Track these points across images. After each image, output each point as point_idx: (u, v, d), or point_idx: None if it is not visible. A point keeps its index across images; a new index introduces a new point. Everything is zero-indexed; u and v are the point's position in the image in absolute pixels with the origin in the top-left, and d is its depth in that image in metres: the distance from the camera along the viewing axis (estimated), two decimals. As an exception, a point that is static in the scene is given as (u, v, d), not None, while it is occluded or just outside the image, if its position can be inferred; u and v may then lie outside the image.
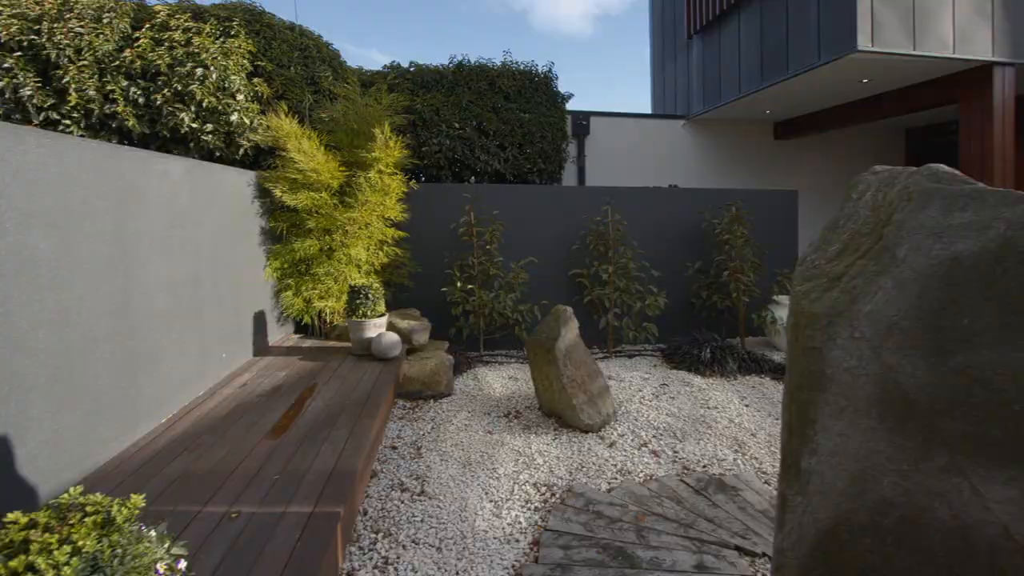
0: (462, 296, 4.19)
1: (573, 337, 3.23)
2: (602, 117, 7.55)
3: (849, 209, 2.02)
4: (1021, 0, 5.28)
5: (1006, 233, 1.62)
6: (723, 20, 7.18)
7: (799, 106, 7.28)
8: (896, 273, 1.75)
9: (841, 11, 5.12)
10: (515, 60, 6.64)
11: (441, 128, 5.92)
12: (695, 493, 2.47)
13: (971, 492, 1.55)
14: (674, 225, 5.10)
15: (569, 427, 3.05)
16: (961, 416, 1.60)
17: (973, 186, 1.74)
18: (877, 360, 1.72)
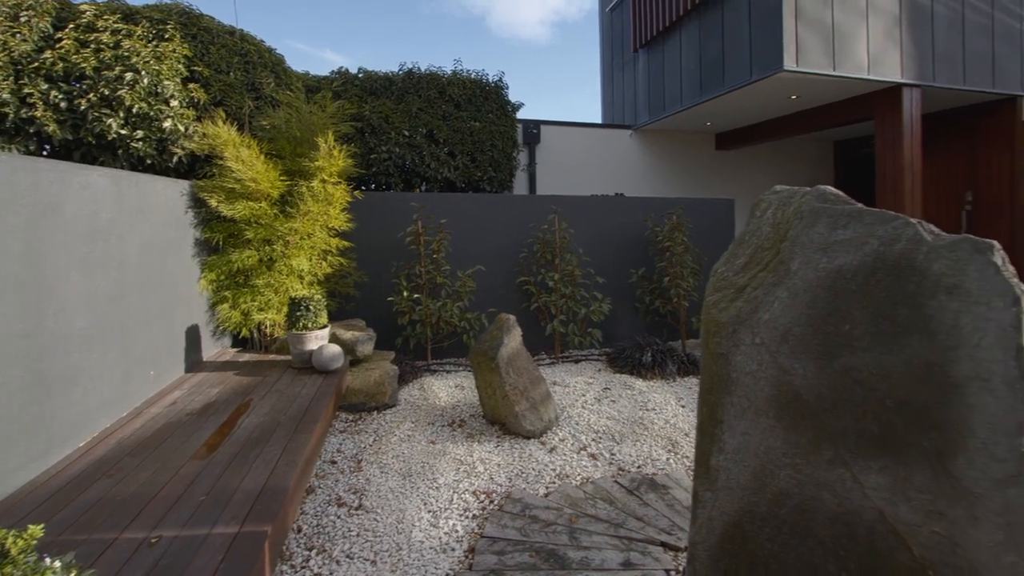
0: (409, 305, 4.19)
1: (516, 345, 3.30)
2: (552, 126, 7.72)
3: (753, 225, 2.18)
4: (924, 29, 5.80)
5: (879, 249, 1.81)
6: (666, 36, 7.50)
7: (737, 119, 7.69)
8: (790, 284, 1.91)
9: (769, 33, 5.46)
10: (466, 69, 6.71)
11: (390, 135, 5.90)
12: (628, 493, 2.58)
13: (853, 481, 1.72)
14: (619, 232, 5.29)
15: (512, 434, 3.12)
16: (844, 413, 1.77)
17: (853, 206, 1.93)
18: (774, 364, 1.88)
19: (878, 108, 5.99)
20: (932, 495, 1.64)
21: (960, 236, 1.75)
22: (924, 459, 1.66)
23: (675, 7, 6.98)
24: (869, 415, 1.72)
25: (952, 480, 1.63)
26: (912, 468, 1.66)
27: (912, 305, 1.74)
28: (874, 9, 5.63)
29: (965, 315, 1.70)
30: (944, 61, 5.92)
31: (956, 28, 5.97)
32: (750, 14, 5.75)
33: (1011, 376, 1.64)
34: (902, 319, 1.74)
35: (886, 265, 1.77)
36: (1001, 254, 1.74)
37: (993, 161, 6.44)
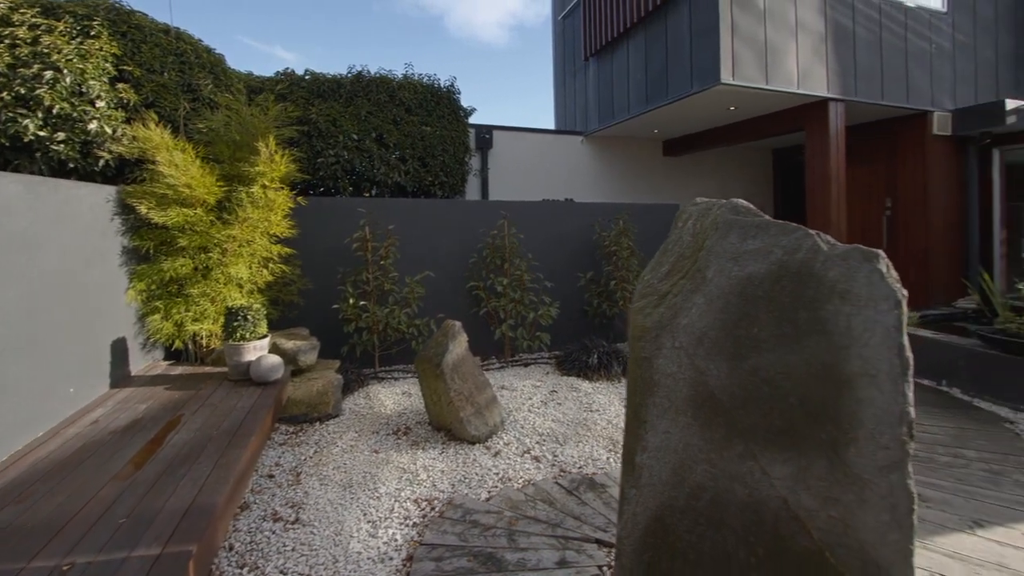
0: (355, 312, 4.14)
1: (461, 351, 3.33)
2: (505, 131, 7.80)
3: (676, 235, 2.30)
4: (847, 48, 6.24)
5: (783, 258, 1.96)
6: (615, 46, 7.73)
7: (682, 127, 8.01)
8: (706, 291, 2.03)
9: (708, 48, 5.74)
10: (417, 73, 6.69)
11: (338, 139, 5.80)
12: (567, 493, 2.66)
13: (761, 473, 1.85)
14: (569, 237, 5.41)
15: (458, 440, 3.14)
16: (753, 410, 1.90)
17: (761, 219, 2.08)
18: (692, 366, 1.99)
19: (807, 120, 6.39)
20: (828, 482, 1.78)
21: (851, 246, 1.92)
22: (821, 450, 1.81)
23: (623, 19, 7.21)
24: (775, 411, 1.85)
25: (845, 468, 1.78)
26: (811, 458, 1.80)
27: (811, 309, 1.89)
28: (803, 28, 6.01)
29: (856, 317, 1.86)
30: (865, 78, 6.38)
31: (875, 48, 6.45)
32: (691, 29, 6.02)
33: (895, 372, 1.81)
34: (802, 322, 1.89)
35: (789, 273, 1.92)
36: (886, 262, 1.92)
37: (909, 169, 7.00)
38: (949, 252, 6.87)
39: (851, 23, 6.29)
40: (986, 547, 2.29)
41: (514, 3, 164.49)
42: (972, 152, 6.95)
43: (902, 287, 1.91)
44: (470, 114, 7.13)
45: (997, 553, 2.24)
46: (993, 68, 7.42)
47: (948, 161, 6.94)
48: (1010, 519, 2.50)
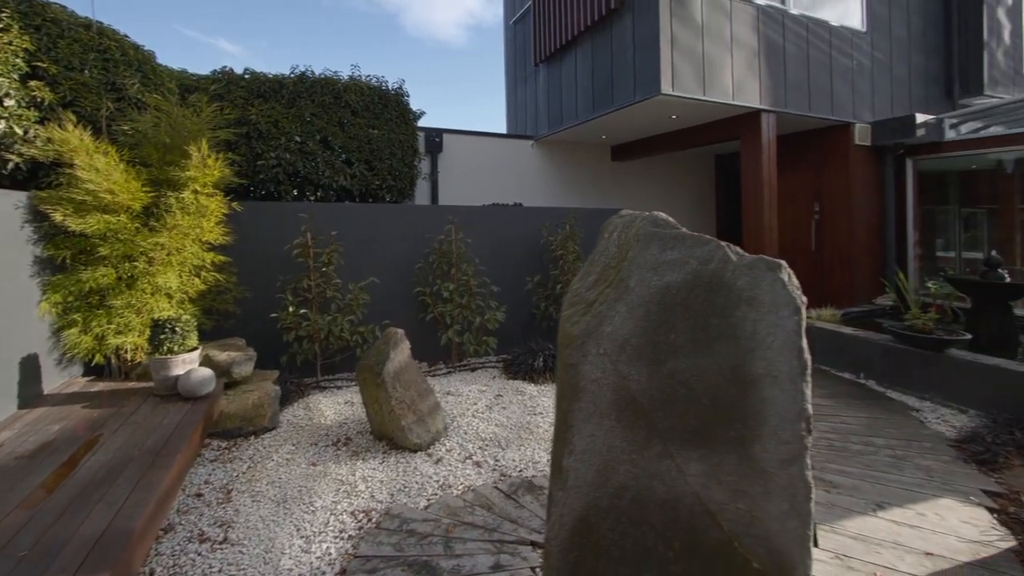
0: (295, 321, 4.04)
1: (404, 359, 3.32)
2: (455, 135, 7.80)
3: (602, 246, 2.39)
4: (778, 63, 6.63)
5: (697, 268, 2.07)
6: (563, 53, 7.88)
7: (629, 134, 8.26)
8: (628, 300, 2.13)
9: (649, 60, 5.95)
10: (365, 74, 6.58)
11: (280, 141, 5.63)
12: (506, 497, 2.70)
13: (677, 471, 1.95)
14: (517, 242, 5.48)
15: (399, 448, 3.13)
16: (670, 412, 2.00)
17: (679, 231, 2.19)
18: (615, 371, 2.08)
19: (742, 129, 6.74)
20: (737, 477, 1.91)
21: (756, 256, 2.06)
22: (731, 446, 1.93)
23: (571, 27, 7.36)
24: (690, 412, 1.97)
25: (752, 463, 1.91)
26: (722, 455, 1.93)
27: (722, 316, 2.02)
28: (737, 43, 6.34)
29: (761, 323, 2.00)
30: (794, 91, 6.80)
31: (803, 63, 6.89)
32: (634, 40, 6.23)
33: (794, 372, 1.96)
34: (714, 328, 2.01)
35: (702, 282, 2.04)
36: (788, 271, 2.07)
37: (834, 176, 7.51)
38: (870, 253, 7.42)
39: (781, 40, 6.69)
40: (886, 527, 2.51)
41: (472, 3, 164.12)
42: (889, 161, 7.54)
43: (802, 294, 2.07)
44: (419, 117, 7.08)
45: (894, 532, 2.46)
46: (907, 84, 8.08)
47: (868, 169, 7.50)
48: (908, 500, 2.75)
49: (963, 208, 8.11)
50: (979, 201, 7.97)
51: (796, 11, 6.80)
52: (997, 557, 2.30)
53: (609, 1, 6.51)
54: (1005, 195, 7.54)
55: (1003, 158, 7.19)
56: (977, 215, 8.14)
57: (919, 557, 2.28)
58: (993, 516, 2.61)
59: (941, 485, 2.90)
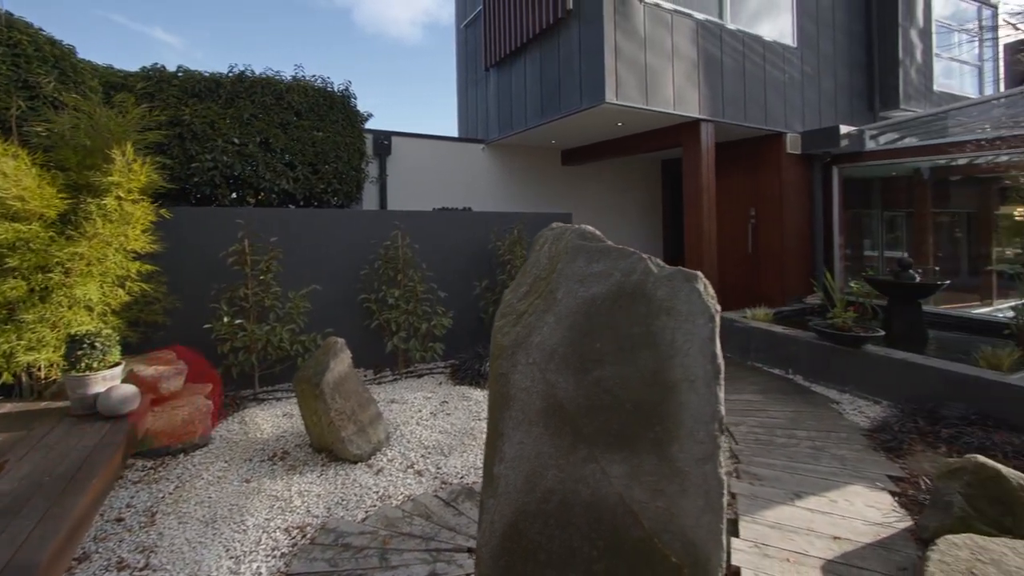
0: (231, 331, 3.89)
1: (344, 369, 3.27)
2: (405, 137, 7.72)
3: (534, 257, 2.46)
4: (716, 75, 6.96)
5: (621, 280, 2.17)
6: (513, 59, 7.96)
7: (578, 139, 8.44)
8: (556, 310, 2.19)
9: (594, 69, 6.11)
10: (310, 75, 6.42)
11: (217, 143, 5.41)
12: (445, 505, 2.72)
13: (601, 473, 2.04)
14: (465, 246, 5.50)
15: (339, 460, 3.08)
16: (595, 417, 2.08)
17: (604, 244, 2.29)
18: (543, 380, 2.14)
19: (683, 137, 7.03)
20: (656, 476, 2.01)
21: (675, 268, 2.18)
22: (651, 448, 2.03)
23: (521, 34, 7.45)
24: (613, 417, 2.06)
25: (670, 463, 2.02)
26: (643, 457, 2.02)
27: (643, 325, 2.12)
28: (678, 55, 6.60)
29: (678, 331, 2.11)
30: (731, 102, 7.16)
31: (739, 76, 7.26)
32: (580, 50, 6.38)
33: (709, 377, 2.08)
34: (636, 336, 2.11)
35: (626, 293, 2.14)
36: (703, 281, 2.20)
37: (768, 182, 7.96)
38: (801, 255, 7.91)
39: (719, 53, 7.02)
40: (801, 515, 2.70)
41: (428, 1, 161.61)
42: (817, 168, 8.06)
43: (716, 302, 2.21)
44: (367, 119, 6.98)
45: (808, 519, 2.65)
46: (833, 97, 8.66)
47: (799, 176, 7.99)
48: (823, 489, 2.96)
49: (885, 211, 8.78)
50: (899, 205, 8.66)
51: (733, 26, 7.16)
52: (895, 537, 2.53)
53: (557, 11, 6.64)
54: (920, 200, 8.22)
55: (918, 166, 7.85)
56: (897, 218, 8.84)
57: (828, 541, 2.47)
58: (895, 499, 2.86)
59: (852, 473, 3.15)
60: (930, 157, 7.30)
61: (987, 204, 7.33)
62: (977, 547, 2.25)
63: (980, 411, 3.75)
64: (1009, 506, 2.50)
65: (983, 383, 3.83)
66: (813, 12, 8.23)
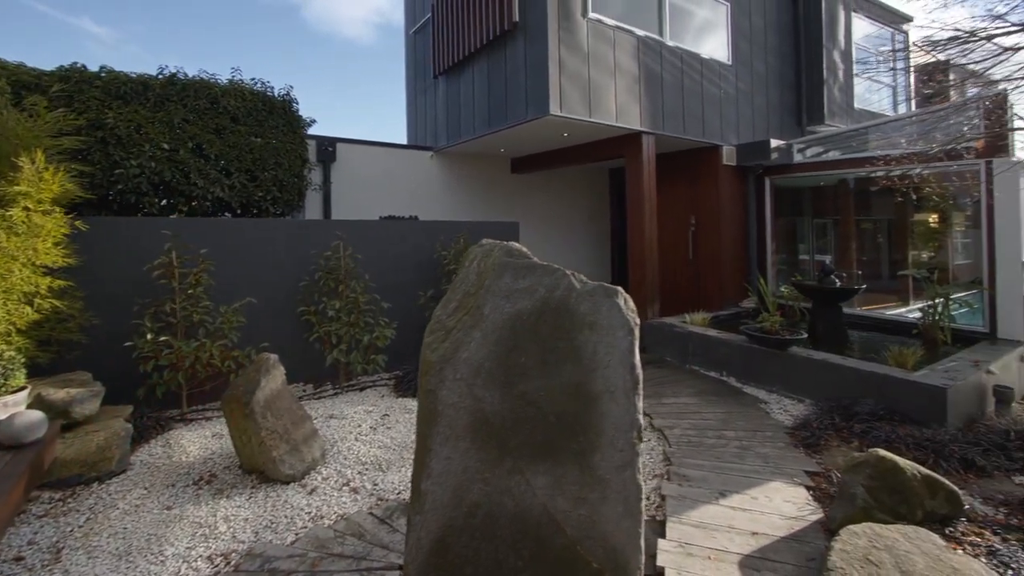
0: (154, 349, 3.69)
1: (276, 386, 3.18)
2: (350, 144, 7.59)
3: (463, 273, 2.49)
4: (656, 89, 7.25)
5: (545, 295, 2.23)
6: (462, 67, 8.00)
7: (526, 148, 8.57)
8: (483, 326, 2.23)
9: (539, 81, 6.23)
10: (247, 79, 6.21)
11: (144, 148, 5.13)
12: (379, 523, 2.69)
13: (526, 485, 2.08)
14: (411, 256, 5.46)
15: (270, 481, 2.98)
16: (521, 430, 2.13)
17: (530, 260, 2.34)
18: (470, 395, 2.17)
19: (626, 149, 7.28)
20: (579, 486, 2.08)
21: (597, 284, 2.26)
22: (574, 458, 2.10)
23: (469, 43, 7.50)
24: (537, 429, 2.11)
25: (591, 471, 2.09)
26: (566, 467, 2.09)
27: (567, 339, 2.19)
28: (620, 71, 6.84)
29: (600, 344, 2.19)
30: (671, 115, 7.48)
31: (678, 91, 7.60)
32: (526, 62, 6.49)
33: (628, 387, 2.17)
34: (560, 350, 2.18)
35: (550, 308, 2.20)
36: (624, 296, 2.29)
37: (706, 192, 8.36)
38: (737, 261, 8.35)
39: (659, 68, 7.32)
40: (724, 513, 2.85)
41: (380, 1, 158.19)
42: (751, 179, 8.54)
43: (636, 316, 2.31)
44: (310, 125, 6.81)
45: (730, 517, 2.80)
46: (765, 113, 9.21)
47: (735, 186, 8.44)
48: (746, 486, 3.13)
49: (815, 219, 9.38)
50: (827, 213, 9.27)
51: (672, 43, 7.48)
52: (807, 529, 2.72)
53: (503, 23, 6.73)
54: (844, 208, 8.84)
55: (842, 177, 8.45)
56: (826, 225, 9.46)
57: (747, 537, 2.61)
58: (810, 493, 3.07)
59: (774, 470, 3.35)
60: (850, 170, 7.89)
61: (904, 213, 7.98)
62: (874, 535, 2.46)
63: (888, 406, 4.08)
64: (904, 495, 2.74)
65: (891, 380, 4.18)
66: (747, 33, 8.73)
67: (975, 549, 2.48)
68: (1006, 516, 2.82)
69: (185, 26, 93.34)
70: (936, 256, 7.80)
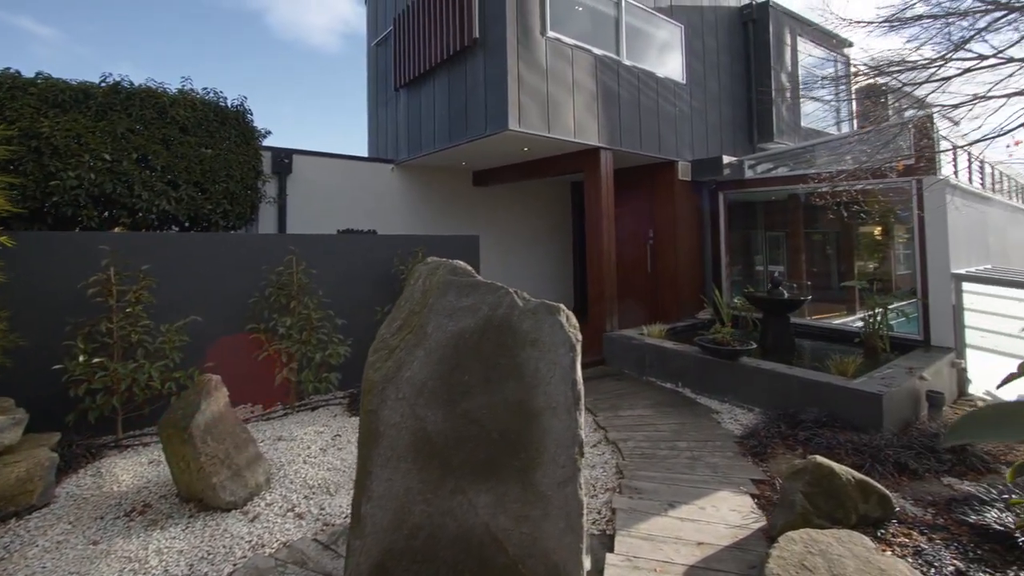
0: (87, 372, 3.48)
1: (218, 408, 3.05)
2: (308, 156, 7.45)
3: (409, 291, 2.47)
4: (613, 106, 7.44)
5: (488, 313, 2.23)
6: (423, 81, 8.01)
7: (487, 161, 8.63)
8: (426, 345, 2.21)
9: (498, 97, 6.31)
10: (201, 88, 6.03)
11: (83, 159, 4.89)
12: (324, 549, 2.61)
13: (468, 505, 2.06)
14: (368, 271, 5.37)
15: (210, 509, 2.85)
16: (463, 449, 2.12)
17: (474, 279, 2.35)
18: (413, 414, 2.14)
19: (584, 164, 7.43)
20: (521, 503, 2.08)
21: (539, 301, 2.29)
22: (516, 475, 2.10)
23: (430, 57, 7.52)
24: (480, 447, 2.10)
25: (533, 488, 2.10)
26: (508, 485, 2.08)
27: (509, 356, 2.20)
28: (578, 87, 7.00)
29: (542, 361, 2.21)
30: (628, 131, 7.69)
31: (635, 108, 7.83)
32: (485, 78, 6.56)
33: (569, 403, 2.19)
34: (503, 367, 2.18)
35: (493, 326, 2.21)
36: (566, 313, 2.32)
37: (663, 206, 8.60)
38: (693, 273, 8.60)
39: (616, 86, 7.53)
40: (672, 524, 2.89)
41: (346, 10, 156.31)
42: (705, 193, 8.85)
43: (578, 332, 2.34)
44: (266, 136, 6.67)
45: (677, 528, 2.85)
46: (718, 130, 9.59)
47: (690, 200, 8.72)
48: (694, 497, 3.19)
49: (768, 232, 9.77)
50: (778, 226, 9.67)
51: (629, 62, 7.72)
52: (750, 537, 2.79)
53: (463, 39, 6.79)
54: (794, 222, 9.25)
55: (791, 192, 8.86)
56: (778, 238, 9.86)
57: (692, 548, 2.66)
58: (755, 501, 3.15)
59: (722, 479, 3.43)
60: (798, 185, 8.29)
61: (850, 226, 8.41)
62: (810, 540, 2.55)
63: (831, 413, 4.26)
64: (840, 500, 2.86)
65: (832, 388, 4.36)
66: (700, 54, 9.10)
67: (903, 550, 2.60)
68: (933, 516, 2.97)
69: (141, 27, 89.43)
70: (880, 267, 8.24)
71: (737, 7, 10.26)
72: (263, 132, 6.58)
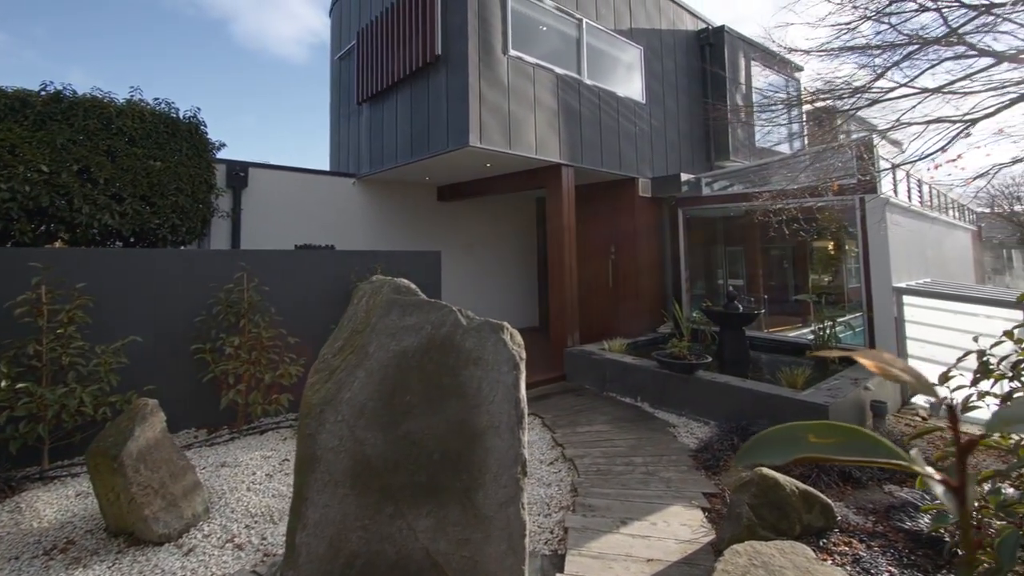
0: (10, 397, 3.25)
1: (154, 434, 2.90)
2: (265, 169, 7.29)
3: (351, 311, 2.42)
4: (575, 124, 7.60)
5: (431, 332, 2.20)
6: (385, 95, 7.99)
7: (450, 177, 8.64)
8: (368, 365, 2.16)
9: (460, 113, 6.35)
10: (152, 98, 5.86)
11: (17, 170, 4.64)
12: (263, 582, 2.49)
13: (408, 529, 2.00)
14: (325, 287, 5.25)
15: (141, 544, 2.68)
16: (403, 471, 2.06)
17: (418, 298, 2.32)
18: (352, 437, 2.08)
19: (546, 180, 7.53)
20: (462, 526, 2.03)
21: (483, 319, 2.27)
22: (457, 498, 2.06)
23: (392, 72, 7.52)
24: (422, 469, 2.05)
25: (475, 510, 2.06)
26: (449, 507, 2.04)
27: (452, 375, 2.17)
28: (539, 105, 7.12)
29: (485, 379, 2.19)
30: (589, 148, 7.85)
31: (596, 126, 8.01)
32: (447, 94, 6.60)
33: (512, 422, 2.17)
34: (446, 386, 2.15)
35: (436, 345, 2.18)
36: (510, 331, 2.31)
37: (625, 222, 8.79)
38: (655, 287, 8.78)
39: (578, 104, 7.70)
40: (623, 542, 2.89)
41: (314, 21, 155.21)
42: (665, 209, 9.09)
43: (522, 350, 2.33)
44: (219, 148, 6.49)
45: (628, 545, 2.84)
46: (677, 148, 9.91)
47: (651, 216, 8.94)
48: (647, 512, 3.21)
49: (727, 247, 10.08)
50: (737, 242, 10.00)
51: (590, 82, 7.91)
52: (699, 552, 2.81)
53: (426, 55, 6.83)
54: (751, 237, 9.58)
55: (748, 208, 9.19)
56: (737, 253, 10.18)
57: (642, 565, 2.66)
58: (705, 515, 3.19)
59: (675, 494, 3.46)
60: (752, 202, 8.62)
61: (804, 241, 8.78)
62: (754, 552, 2.58)
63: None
64: (785, 511, 2.92)
65: (782, 400, 4.49)
66: (659, 74, 9.41)
67: (842, 558, 2.67)
68: (873, 524, 3.08)
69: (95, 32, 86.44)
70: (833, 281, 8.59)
71: (695, 31, 10.69)
72: (217, 144, 6.41)
